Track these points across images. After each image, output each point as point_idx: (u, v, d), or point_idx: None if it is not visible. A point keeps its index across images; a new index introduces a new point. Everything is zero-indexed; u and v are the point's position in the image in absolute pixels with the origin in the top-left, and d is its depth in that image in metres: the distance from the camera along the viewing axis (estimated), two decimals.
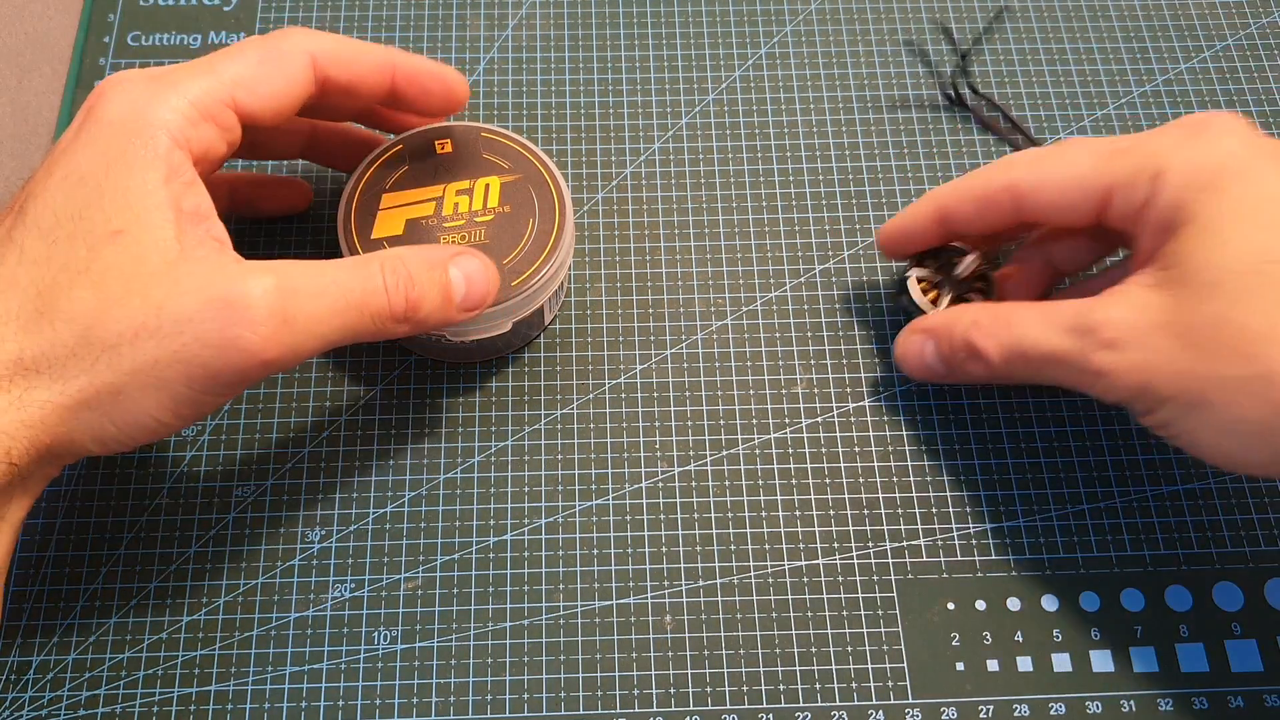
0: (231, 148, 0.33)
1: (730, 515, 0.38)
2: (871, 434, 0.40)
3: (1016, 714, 0.35)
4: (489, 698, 0.35)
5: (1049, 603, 0.37)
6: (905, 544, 0.38)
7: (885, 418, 0.40)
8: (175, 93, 0.30)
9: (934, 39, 0.48)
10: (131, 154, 0.29)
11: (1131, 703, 0.35)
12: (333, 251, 0.42)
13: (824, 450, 0.39)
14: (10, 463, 0.28)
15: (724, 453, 0.39)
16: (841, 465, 0.39)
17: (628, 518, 0.38)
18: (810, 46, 0.48)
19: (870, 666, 0.36)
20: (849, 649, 0.36)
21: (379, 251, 0.32)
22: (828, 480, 0.39)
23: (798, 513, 0.38)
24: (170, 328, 0.27)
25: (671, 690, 0.35)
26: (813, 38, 0.48)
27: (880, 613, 0.37)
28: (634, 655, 0.36)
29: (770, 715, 0.35)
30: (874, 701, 0.35)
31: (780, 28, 0.48)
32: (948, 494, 0.39)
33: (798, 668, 0.36)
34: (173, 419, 0.29)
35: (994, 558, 0.38)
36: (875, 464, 0.39)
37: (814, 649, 0.36)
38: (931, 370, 0.37)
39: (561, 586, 0.37)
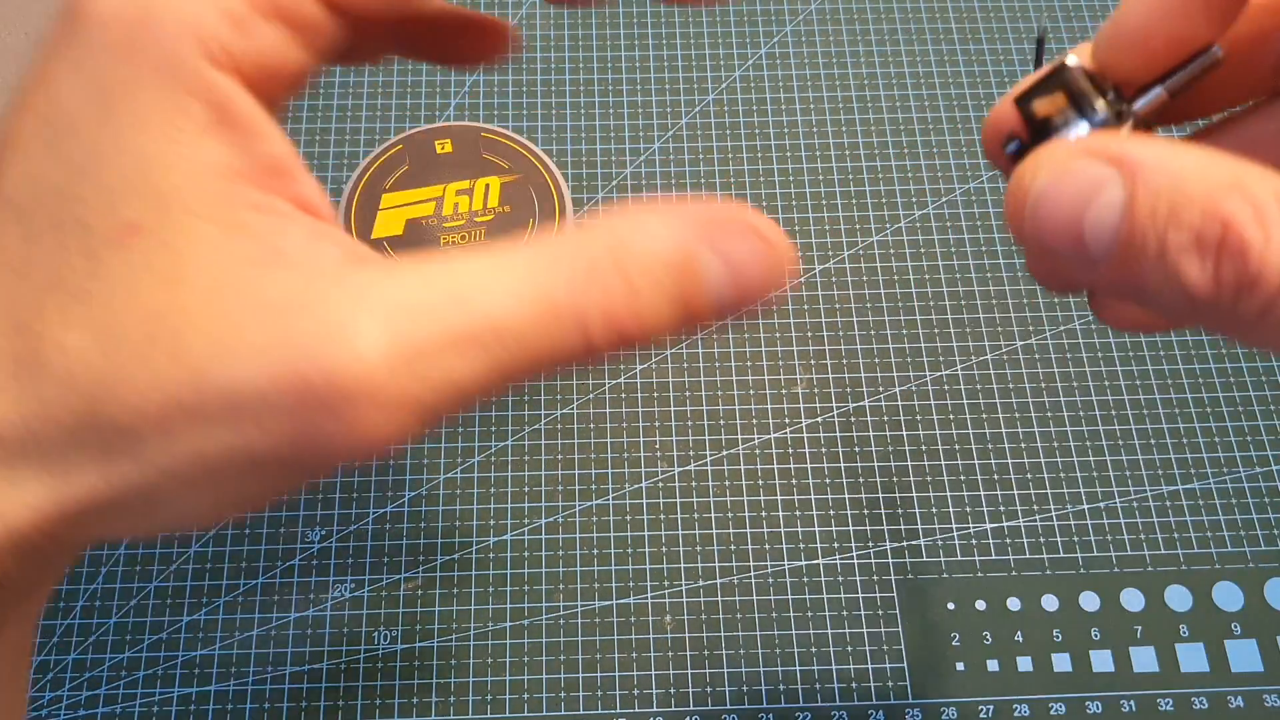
0: (317, 55, 0.20)
1: (730, 515, 0.38)
2: (871, 434, 0.40)
3: (1016, 714, 0.35)
4: (489, 698, 0.35)
5: (1049, 603, 0.37)
6: (905, 544, 0.38)
7: (885, 418, 0.40)
8: None
9: (934, 37, 0.48)
10: (142, 85, 0.18)
11: (1131, 703, 0.35)
12: None
13: (824, 450, 0.39)
14: None
15: (724, 453, 0.39)
16: (841, 465, 0.39)
17: (628, 518, 0.38)
18: (810, 46, 0.48)
19: (870, 667, 0.36)
20: (849, 649, 0.36)
21: (572, 236, 0.20)
22: (828, 480, 0.39)
23: (798, 513, 0.38)
24: (219, 411, 0.17)
25: (671, 690, 0.35)
26: (813, 38, 0.48)
27: (880, 613, 0.37)
28: (634, 655, 0.36)
29: (770, 715, 0.35)
30: (874, 702, 0.35)
31: (780, 28, 0.48)
32: (948, 494, 0.39)
33: (798, 668, 0.36)
34: (233, 511, 0.20)
35: (994, 558, 0.38)
36: (875, 464, 0.39)
37: (814, 649, 0.36)
38: (1087, 243, 0.18)
39: (561, 586, 0.37)
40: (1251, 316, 0.16)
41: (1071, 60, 0.20)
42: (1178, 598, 0.37)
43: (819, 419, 0.40)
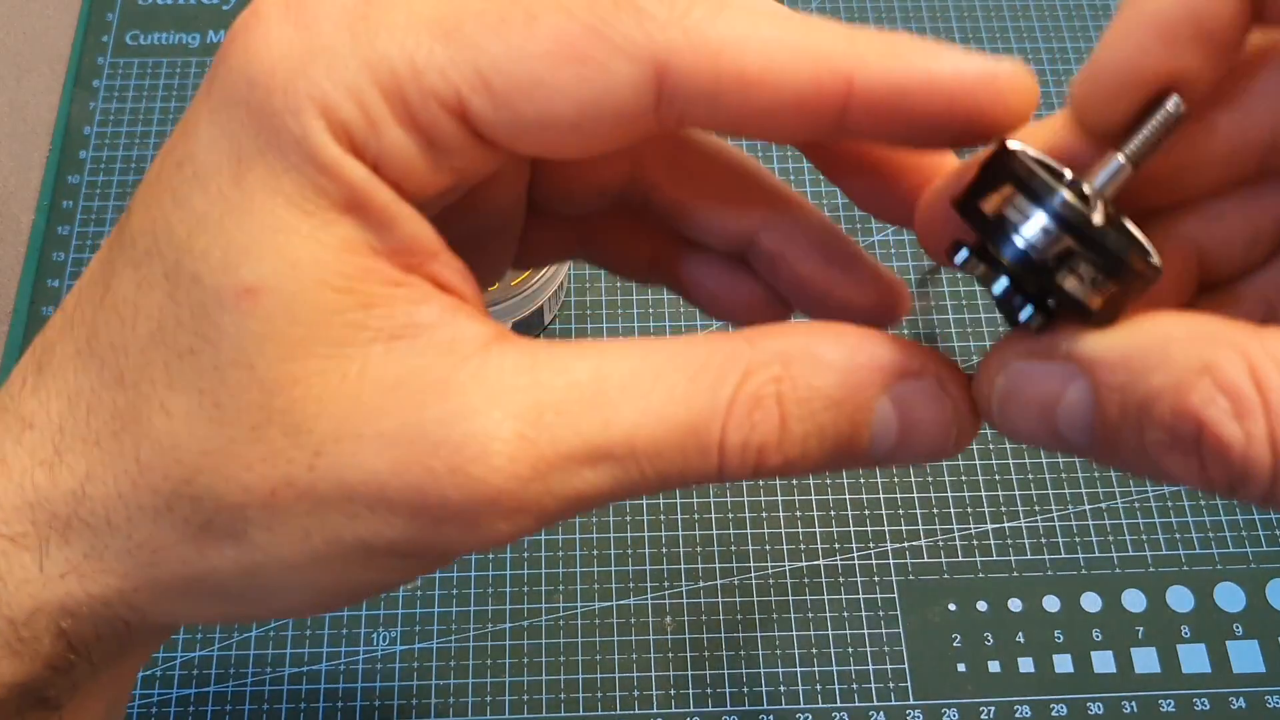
0: (453, 184, 0.18)
1: (731, 516, 0.38)
2: None
3: (1018, 715, 0.35)
4: (488, 699, 0.35)
5: (1050, 603, 0.37)
6: (906, 545, 0.38)
7: None
8: (357, 51, 0.16)
9: (934, 36, 0.48)
10: (278, 153, 0.16)
11: (1133, 704, 0.35)
12: None
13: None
14: (70, 645, 0.18)
15: None
16: None
17: (628, 518, 0.38)
18: None
19: (871, 668, 0.36)
20: (850, 650, 0.36)
21: (725, 338, 0.18)
22: (828, 480, 0.39)
23: (798, 513, 0.38)
24: (337, 499, 0.16)
25: (672, 691, 0.35)
26: None
27: (881, 614, 0.37)
28: (634, 656, 0.36)
29: (771, 716, 0.35)
30: (875, 703, 0.35)
31: None
32: (949, 494, 0.38)
33: (798, 669, 0.36)
34: (336, 602, 0.19)
35: (995, 558, 0.37)
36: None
37: (815, 650, 0.36)
38: (1064, 438, 0.17)
39: (561, 587, 0.37)
40: (1254, 500, 0.15)
41: (1014, 144, 0.17)
42: (1179, 598, 0.37)
43: None
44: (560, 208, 0.22)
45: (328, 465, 0.16)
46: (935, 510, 0.38)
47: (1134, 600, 0.37)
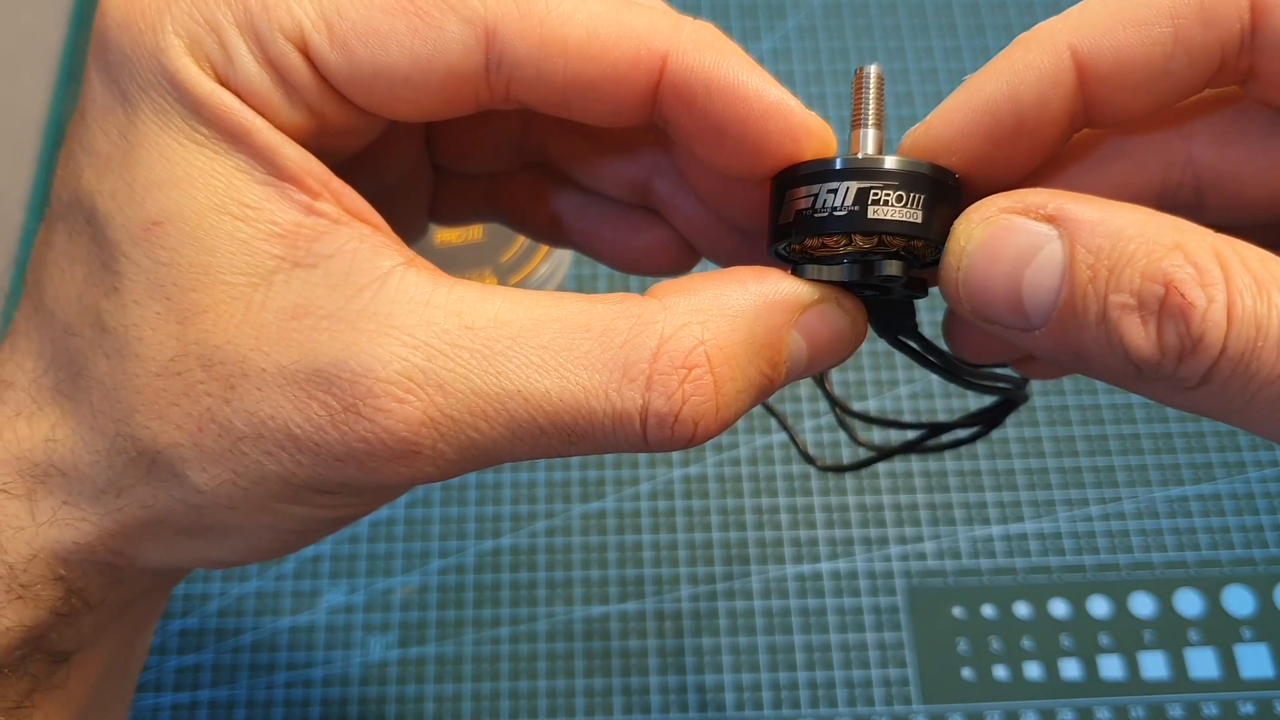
0: (314, 129, 0.18)
1: (732, 519, 0.38)
2: (875, 435, 0.39)
3: None
4: (486, 705, 0.35)
5: (1057, 608, 0.36)
6: (910, 548, 0.37)
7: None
8: None
9: (938, 32, 0.47)
10: (156, 89, 0.17)
11: (1141, 709, 0.35)
12: None
13: (827, 453, 0.39)
14: (70, 590, 0.18)
15: (725, 455, 0.39)
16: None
17: (627, 521, 0.38)
18: (813, 42, 0.47)
19: (875, 672, 0.35)
20: (853, 655, 0.36)
21: (632, 297, 0.18)
22: (831, 483, 0.38)
23: (800, 516, 0.38)
24: (248, 427, 0.17)
25: (672, 696, 0.35)
26: (815, 34, 0.47)
27: (886, 618, 0.36)
28: (633, 661, 0.35)
29: None
30: (878, 708, 0.35)
31: (783, 21, 0.48)
32: (953, 497, 0.38)
33: (800, 674, 0.35)
34: (298, 541, 0.20)
35: (1000, 562, 0.37)
36: (879, 467, 0.39)
37: (818, 654, 0.36)
38: (1023, 303, 0.17)
39: (560, 592, 0.36)
40: (1193, 380, 0.16)
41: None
42: (1187, 602, 0.37)
43: (821, 420, 0.39)
44: (461, 166, 0.23)
45: (240, 399, 0.17)
46: (940, 514, 0.38)
47: (1141, 604, 0.36)
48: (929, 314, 0.39)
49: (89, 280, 0.17)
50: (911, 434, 0.23)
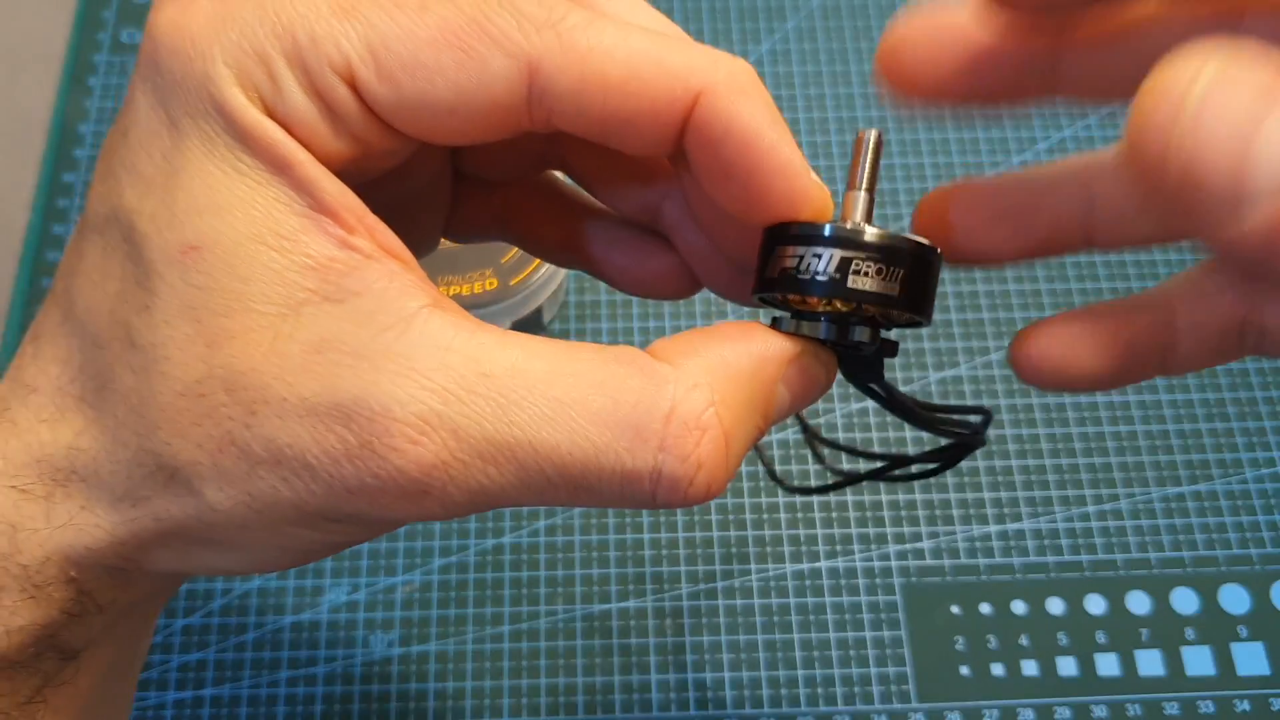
0: (357, 156, 0.18)
1: (731, 518, 0.38)
2: (875, 435, 0.39)
3: (1021, 719, 0.35)
4: (487, 702, 0.35)
5: (1054, 606, 0.37)
6: (909, 546, 0.37)
7: (888, 419, 0.40)
8: (264, 20, 0.17)
9: None
10: (204, 114, 0.17)
11: (1137, 707, 0.35)
12: None
13: (826, 451, 0.39)
14: (81, 592, 0.19)
15: None
16: (844, 466, 0.39)
17: (628, 519, 0.38)
18: (812, 43, 0.47)
19: (873, 670, 0.35)
20: (851, 653, 0.36)
21: (645, 357, 0.18)
22: (829, 481, 0.38)
23: (799, 514, 0.38)
24: (266, 452, 0.17)
25: (672, 695, 0.35)
26: (814, 35, 0.48)
27: (884, 616, 0.36)
28: (634, 659, 0.36)
29: (772, 719, 0.35)
30: (877, 705, 0.35)
31: (782, 24, 0.48)
32: (951, 496, 0.38)
33: (799, 671, 0.35)
34: (303, 558, 0.20)
35: (998, 560, 0.37)
36: (878, 464, 0.39)
37: (816, 653, 0.36)
38: (1241, 177, 0.15)
39: (561, 590, 0.37)
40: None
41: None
42: (1183, 600, 0.37)
43: (821, 419, 0.40)
44: (484, 172, 0.24)
45: (260, 425, 0.17)
46: (938, 512, 0.38)
47: (1138, 602, 0.37)
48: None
49: (121, 296, 0.18)
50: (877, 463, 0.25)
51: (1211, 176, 0.14)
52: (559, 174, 0.25)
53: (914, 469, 0.25)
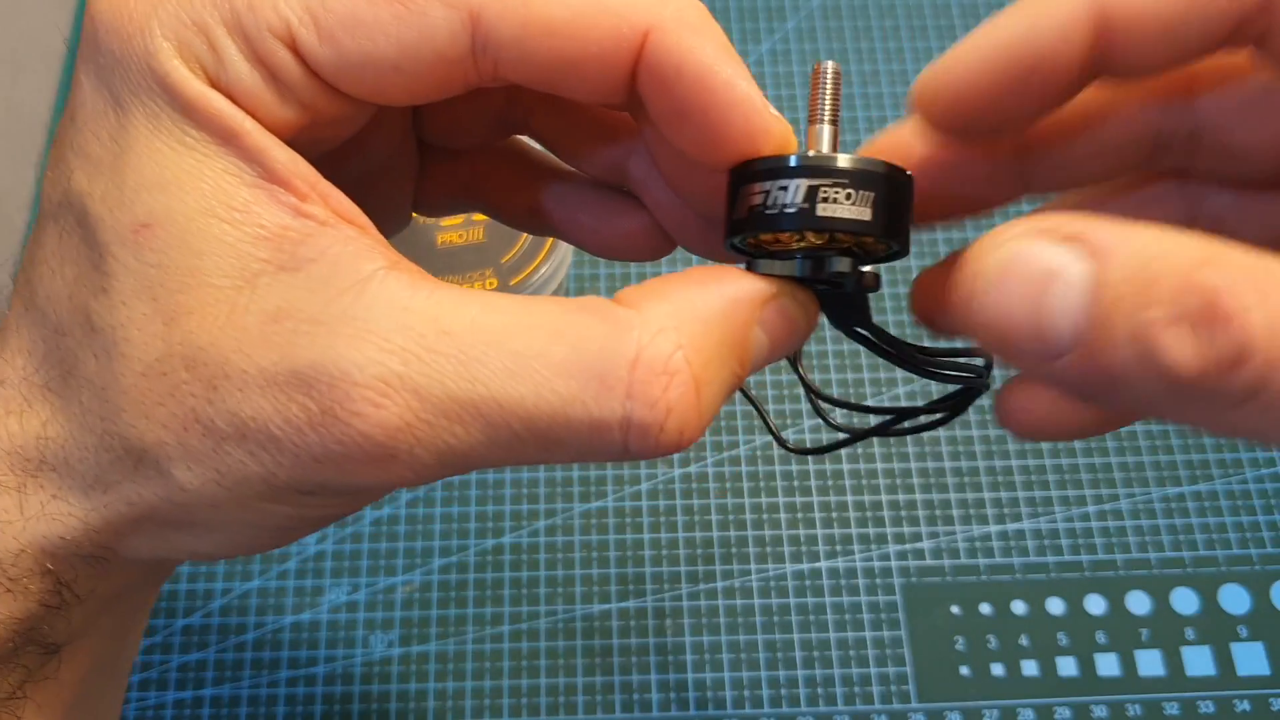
0: (306, 123, 0.18)
1: (731, 518, 0.38)
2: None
3: (1021, 719, 0.35)
4: (487, 702, 0.35)
5: (1054, 606, 0.37)
6: (909, 547, 0.37)
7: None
8: None
9: (937, 33, 0.48)
10: (148, 91, 0.17)
11: (1137, 707, 0.35)
12: None
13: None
14: (59, 583, 0.19)
15: (725, 454, 0.39)
16: (844, 467, 0.39)
17: (627, 520, 0.38)
18: (812, 43, 0.47)
19: (874, 670, 0.35)
20: (852, 653, 0.36)
21: (607, 304, 0.18)
22: (830, 482, 0.38)
23: (799, 515, 0.38)
24: (230, 427, 0.17)
25: (672, 695, 0.35)
26: (814, 35, 0.48)
27: (883, 616, 0.36)
28: (634, 659, 0.36)
29: (772, 719, 0.35)
30: (877, 705, 0.35)
31: (782, 24, 0.48)
32: (951, 496, 0.38)
33: (799, 671, 0.35)
34: (284, 537, 0.20)
35: (998, 560, 0.37)
36: (879, 465, 0.39)
37: (816, 653, 0.36)
38: (1045, 327, 0.16)
39: (561, 590, 0.37)
40: (1238, 395, 0.14)
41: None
42: (1184, 600, 0.37)
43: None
44: (446, 140, 0.23)
45: (222, 400, 0.17)
46: (938, 512, 0.38)
47: (1138, 602, 0.37)
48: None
49: (79, 281, 0.18)
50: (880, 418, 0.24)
51: (1015, 342, 0.16)
52: (525, 139, 0.24)
53: (922, 419, 0.23)
